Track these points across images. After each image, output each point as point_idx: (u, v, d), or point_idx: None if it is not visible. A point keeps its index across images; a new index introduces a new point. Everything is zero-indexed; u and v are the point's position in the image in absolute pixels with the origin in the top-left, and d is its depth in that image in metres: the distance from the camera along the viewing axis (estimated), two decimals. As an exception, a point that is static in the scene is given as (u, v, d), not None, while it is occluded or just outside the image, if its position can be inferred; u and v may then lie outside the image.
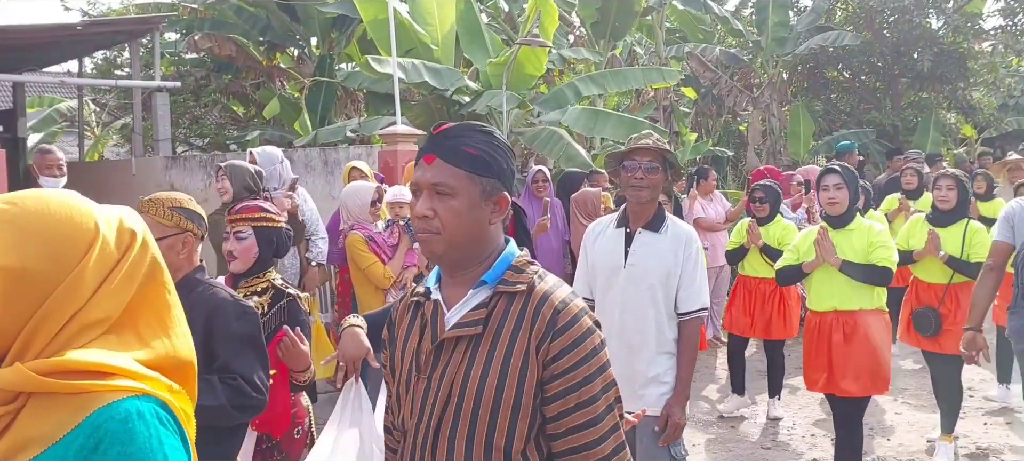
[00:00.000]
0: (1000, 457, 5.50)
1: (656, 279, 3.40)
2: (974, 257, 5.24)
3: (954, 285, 5.37)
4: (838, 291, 4.47)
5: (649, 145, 3.35)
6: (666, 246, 3.43)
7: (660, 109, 13.68)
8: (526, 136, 9.09)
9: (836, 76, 16.05)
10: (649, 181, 3.36)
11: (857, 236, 4.46)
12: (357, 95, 11.67)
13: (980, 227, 5.39)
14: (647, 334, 3.44)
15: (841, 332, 4.47)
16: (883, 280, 4.37)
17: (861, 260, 4.39)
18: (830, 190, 4.48)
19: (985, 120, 16.34)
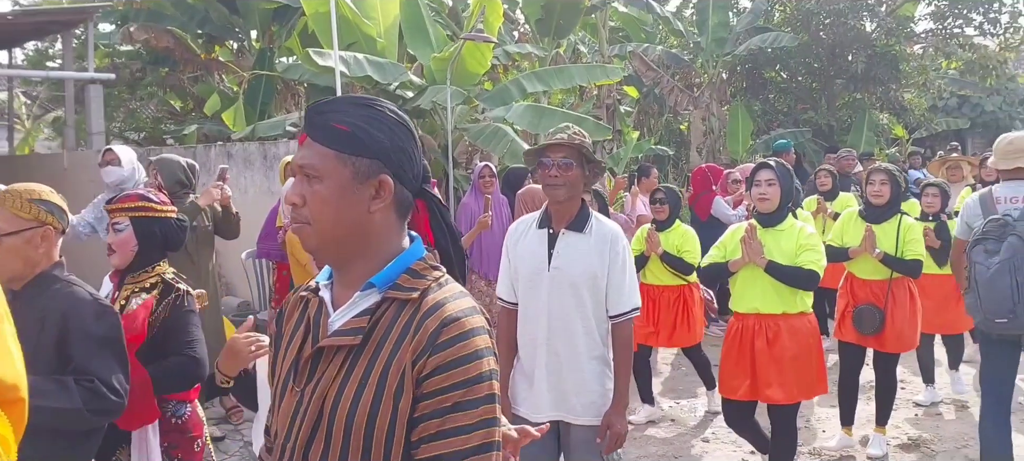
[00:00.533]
0: (931, 447, 5.66)
1: (582, 281, 3.24)
2: (909, 254, 5.17)
3: (894, 282, 5.29)
4: (761, 293, 4.27)
5: (564, 140, 3.18)
6: (591, 246, 3.27)
7: (603, 107, 13.79)
8: (471, 132, 9.07)
9: (774, 76, 16.37)
10: (565, 178, 3.19)
11: (786, 237, 4.25)
12: (298, 89, 11.50)
13: (913, 223, 5.32)
14: (575, 340, 3.28)
15: (764, 337, 4.28)
16: (809, 284, 4.20)
17: (789, 262, 4.19)
18: (762, 186, 4.29)
19: (916, 121, 16.84)
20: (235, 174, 8.40)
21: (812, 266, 4.14)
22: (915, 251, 5.14)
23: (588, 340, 3.28)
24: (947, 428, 6.02)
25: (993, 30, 15.35)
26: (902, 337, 5.27)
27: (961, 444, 5.68)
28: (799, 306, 4.27)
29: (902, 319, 5.24)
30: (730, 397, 4.47)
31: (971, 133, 23.85)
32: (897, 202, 5.34)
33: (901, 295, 5.27)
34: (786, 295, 4.22)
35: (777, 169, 4.29)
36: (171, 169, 5.37)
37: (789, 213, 4.33)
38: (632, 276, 3.33)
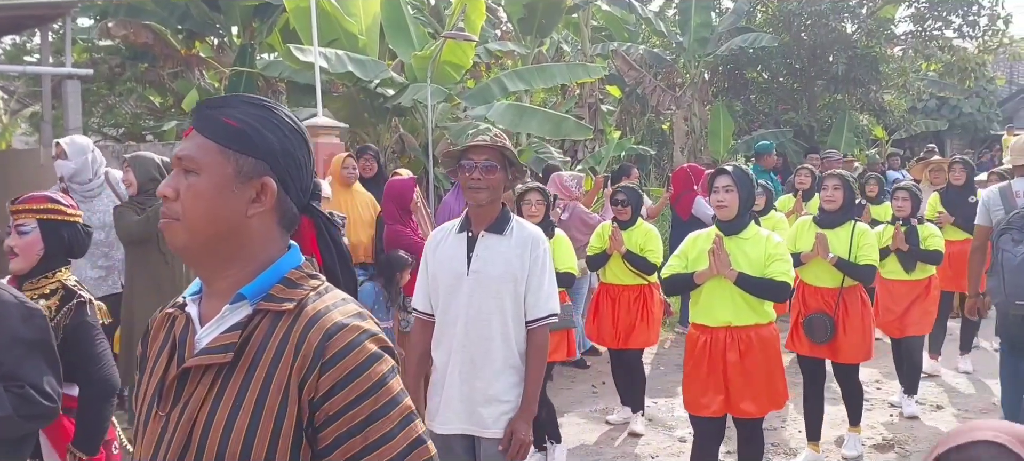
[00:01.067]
0: (906, 448, 5.71)
1: (501, 285, 3.17)
2: (862, 259, 5.06)
3: (845, 290, 5.16)
4: (732, 306, 4.14)
5: (487, 142, 3.12)
6: (511, 249, 3.19)
7: (585, 106, 13.79)
8: (452, 131, 9.05)
9: (755, 77, 16.43)
10: (487, 181, 3.11)
11: (752, 245, 4.14)
12: (278, 86, 11.42)
13: (866, 229, 5.24)
14: (492, 346, 3.19)
15: (736, 350, 4.15)
16: (780, 295, 4.11)
17: (756, 272, 4.07)
18: (719, 192, 4.16)
19: (895, 122, 16.95)
20: (214, 171, 8.35)
21: (783, 277, 4.05)
22: (868, 257, 5.07)
23: (505, 348, 3.20)
24: (922, 429, 6.08)
25: (972, 32, 15.48)
26: (856, 346, 5.18)
27: (936, 444, 5.72)
28: (768, 316, 4.22)
29: (855, 327, 5.16)
30: (701, 414, 4.28)
31: (949, 135, 24.03)
32: (850, 208, 5.26)
33: (853, 303, 5.18)
34: (756, 306, 4.14)
35: (735, 175, 4.17)
36: (145, 167, 5.33)
37: (751, 220, 4.22)
38: (551, 281, 3.26)
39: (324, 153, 7.04)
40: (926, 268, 6.17)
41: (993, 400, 6.66)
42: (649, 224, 6.08)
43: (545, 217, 5.33)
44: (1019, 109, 26.38)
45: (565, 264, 5.14)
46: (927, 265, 6.16)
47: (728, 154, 14.05)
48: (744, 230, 4.17)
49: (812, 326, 5.15)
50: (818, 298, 5.22)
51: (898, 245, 6.05)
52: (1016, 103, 26.60)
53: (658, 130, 16.72)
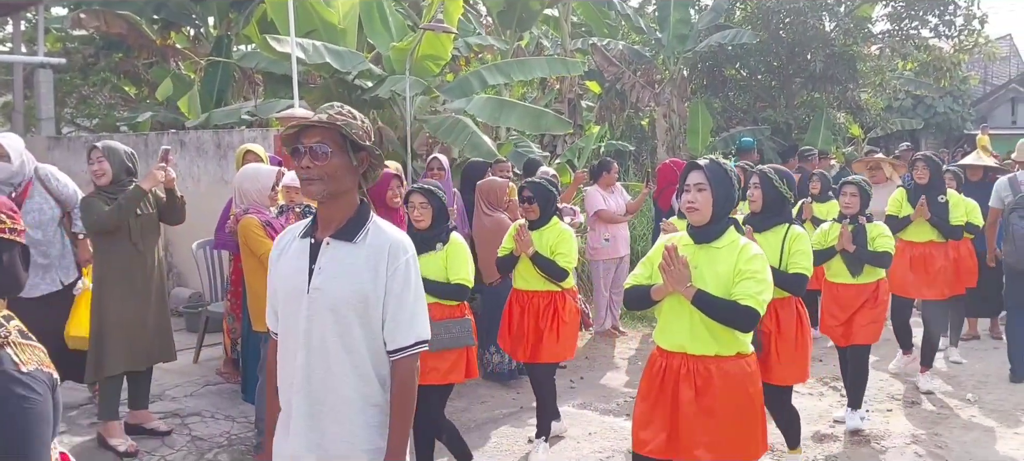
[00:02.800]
0: (881, 443, 5.73)
1: (347, 305, 2.52)
2: (794, 268, 4.46)
3: (777, 302, 4.52)
4: (689, 328, 3.45)
5: (322, 120, 2.52)
6: (362, 260, 2.54)
7: (565, 101, 13.78)
8: (430, 124, 8.99)
9: (734, 74, 16.49)
10: (320, 169, 2.50)
11: (724, 257, 3.44)
12: (255, 77, 11.32)
13: (801, 234, 4.57)
14: (340, 382, 2.56)
15: (691, 384, 3.45)
16: (745, 323, 3.37)
17: (722, 291, 3.37)
18: (691, 191, 3.49)
19: (872, 120, 17.06)
20: (188, 163, 8.24)
21: (748, 301, 3.31)
22: (800, 265, 4.47)
23: (359, 382, 2.57)
24: (898, 423, 6.10)
25: (948, 32, 15.60)
26: (789, 367, 4.63)
27: (911, 440, 5.75)
28: (736, 346, 3.46)
29: (788, 345, 4.62)
30: (639, 451, 3.59)
31: (924, 133, 24.27)
32: (777, 209, 4.65)
33: (787, 317, 4.63)
34: (720, 332, 3.42)
35: (709, 170, 3.49)
36: (119, 157, 5.23)
37: (731, 226, 3.53)
38: (418, 299, 2.61)
39: (300, 144, 6.95)
40: (874, 271, 5.73)
41: (968, 397, 6.71)
42: (565, 224, 5.47)
43: (435, 223, 4.68)
44: (993, 109, 26.71)
45: (458, 274, 4.61)
46: (875, 268, 5.72)
47: (706, 150, 14.07)
48: (719, 238, 3.48)
49: None
50: None
51: (844, 245, 5.61)
52: (990, 103, 26.92)
53: (637, 126, 16.73)
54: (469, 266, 4.69)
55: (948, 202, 6.81)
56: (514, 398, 6.72)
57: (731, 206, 3.54)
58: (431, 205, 4.68)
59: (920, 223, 6.80)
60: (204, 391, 6.54)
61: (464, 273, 4.64)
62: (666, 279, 3.41)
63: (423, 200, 4.69)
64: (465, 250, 4.73)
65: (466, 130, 8.63)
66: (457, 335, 4.66)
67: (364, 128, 2.60)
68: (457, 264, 4.64)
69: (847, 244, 5.60)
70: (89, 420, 5.72)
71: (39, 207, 5.48)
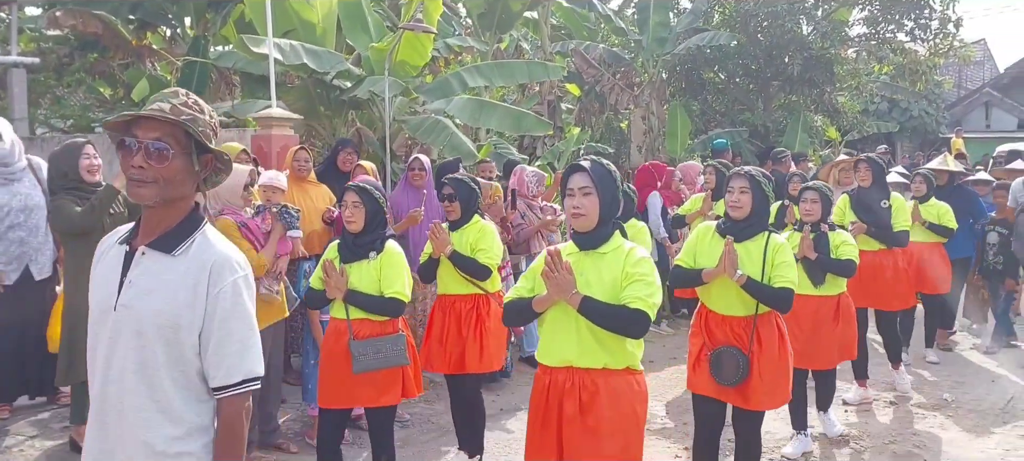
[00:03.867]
0: (860, 443, 5.75)
1: (154, 330, 2.11)
2: (778, 281, 4.11)
3: (759, 318, 4.20)
4: (577, 340, 3.19)
5: (164, 112, 2.13)
6: (179, 276, 2.14)
7: (544, 103, 13.77)
8: (410, 124, 8.95)
9: (712, 77, 16.56)
10: (156, 171, 2.10)
11: (610, 263, 3.21)
12: (232, 78, 11.22)
13: (783, 243, 4.24)
14: (134, 428, 2.12)
15: (575, 400, 3.19)
16: (635, 329, 3.12)
17: (609, 297, 3.14)
18: (576, 196, 3.22)
19: (849, 123, 17.18)
20: (164, 163, 8.16)
21: (638, 304, 3.09)
22: (785, 278, 4.11)
23: (164, 426, 2.13)
24: (876, 424, 6.13)
25: (924, 35, 15.74)
26: (771, 390, 4.25)
27: (889, 439, 5.78)
28: (626, 360, 3.22)
29: (771, 366, 4.21)
30: None
31: (900, 137, 24.54)
32: (763, 216, 4.31)
33: (768, 335, 4.24)
34: (610, 343, 3.17)
35: (594, 173, 3.21)
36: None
37: (616, 230, 3.31)
38: (250, 329, 2.20)
39: (277, 145, 6.90)
40: (837, 282, 5.39)
41: (945, 396, 6.75)
42: (487, 221, 5.16)
43: (369, 227, 4.29)
44: (967, 112, 27.04)
45: (392, 287, 4.22)
46: (838, 278, 5.38)
47: (685, 153, 14.11)
48: (605, 243, 3.25)
49: (720, 363, 4.20)
50: (726, 329, 4.26)
51: (805, 252, 5.26)
52: (964, 107, 27.26)
53: (616, 128, 16.75)
54: (405, 278, 4.28)
55: (891, 207, 6.48)
56: (493, 400, 6.69)
57: (617, 209, 3.30)
58: (364, 205, 4.27)
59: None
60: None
61: (399, 286, 4.23)
62: (549, 287, 3.15)
63: (356, 199, 4.28)
64: (401, 260, 4.32)
65: (446, 131, 8.59)
66: (388, 355, 4.24)
67: (212, 125, 2.26)
68: (391, 276, 4.22)
69: (809, 252, 5.27)
70: (61, 424, 5.63)
71: (28, 192, 5.53)
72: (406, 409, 6.02)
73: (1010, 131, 24.91)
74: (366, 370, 4.21)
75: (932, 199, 7.45)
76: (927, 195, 7.44)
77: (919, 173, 7.66)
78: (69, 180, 5.11)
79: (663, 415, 6.35)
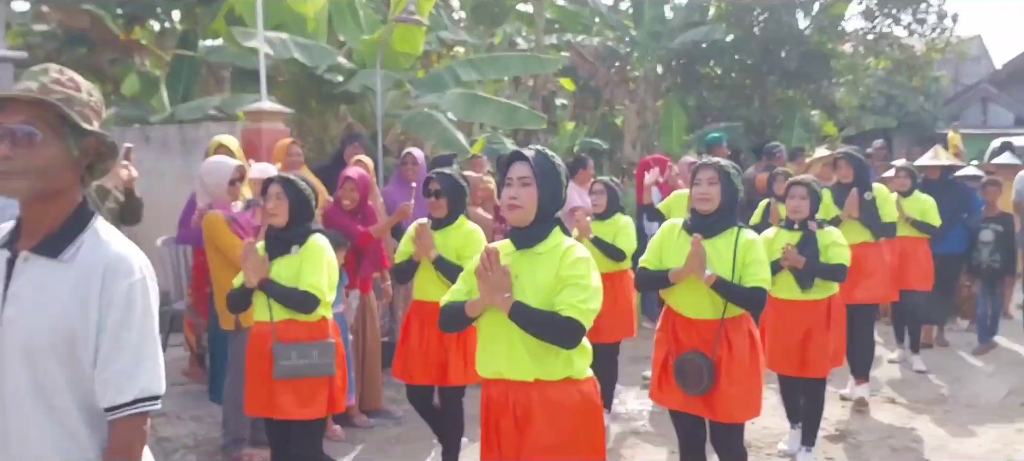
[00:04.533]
0: (857, 438, 5.67)
1: (46, 347, 1.87)
2: (752, 280, 3.75)
3: (728, 321, 3.84)
4: (508, 350, 2.89)
5: (31, 92, 1.87)
6: (68, 285, 1.88)
7: (538, 98, 13.69)
8: (402, 118, 8.86)
9: (708, 72, 16.46)
10: (24, 161, 1.84)
11: (546, 263, 2.88)
12: (222, 73, 11.12)
13: (754, 240, 3.86)
14: (41, 451, 1.89)
15: (510, 416, 2.91)
16: (568, 339, 2.82)
17: (543, 302, 2.84)
18: (514, 185, 2.90)
19: (846, 119, 17.12)
20: (152, 158, 8.05)
21: (570, 311, 2.78)
22: (757, 276, 3.76)
23: (71, 449, 1.91)
24: (872, 420, 6.05)
25: (921, 30, 15.68)
26: (741, 400, 3.86)
27: (886, 435, 5.71)
28: (563, 370, 2.88)
29: (740, 374, 3.84)
30: None
31: (897, 132, 24.44)
32: (732, 210, 3.95)
33: (739, 340, 3.87)
34: (541, 353, 2.85)
35: (535, 163, 2.90)
36: None
37: (556, 227, 2.96)
38: (147, 339, 1.92)
39: (267, 138, 6.81)
40: (827, 286, 4.97)
41: (942, 391, 6.68)
42: (473, 225, 4.70)
43: (294, 220, 4.00)
44: (964, 108, 26.97)
45: (307, 280, 3.96)
46: (829, 283, 4.97)
47: (681, 149, 14.02)
48: (542, 242, 2.91)
49: (684, 370, 3.86)
50: (693, 333, 3.89)
51: (791, 263, 4.87)
52: (961, 102, 27.19)
53: (611, 124, 16.67)
54: (323, 274, 3.97)
55: (875, 199, 6.26)
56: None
57: (558, 205, 2.95)
58: (288, 198, 4.00)
59: (851, 224, 6.10)
60: (170, 391, 6.29)
61: (314, 280, 3.92)
62: (482, 289, 2.87)
63: (279, 191, 4.01)
64: (324, 256, 4.02)
65: (438, 125, 8.50)
66: (314, 361, 3.95)
67: (92, 105, 1.97)
68: (310, 269, 3.95)
69: (794, 260, 4.83)
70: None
71: None
72: (399, 406, 5.92)
73: (1007, 127, 24.82)
74: (288, 376, 3.92)
75: (916, 194, 7.17)
76: (910, 190, 7.18)
77: (902, 168, 7.40)
78: None
79: (660, 411, 6.27)
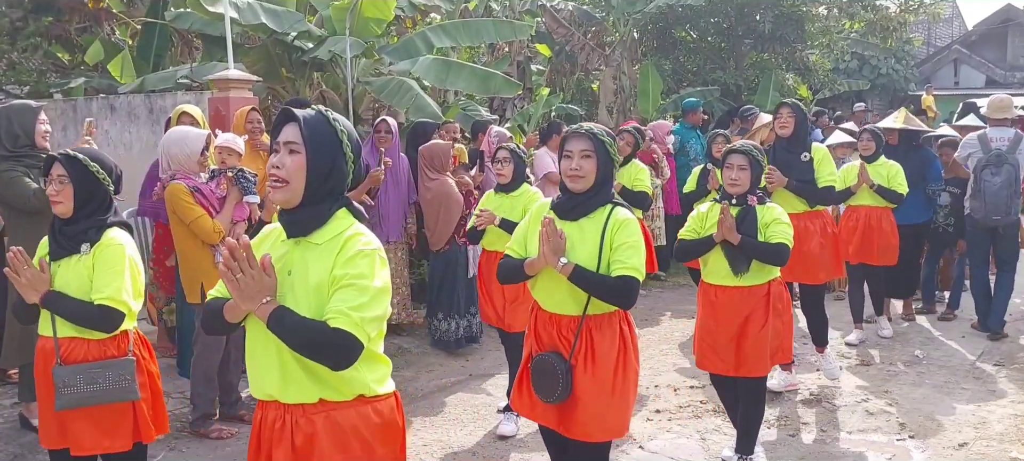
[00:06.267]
0: (832, 403, 5.70)
1: None
2: (620, 268, 3.16)
3: (590, 318, 3.27)
4: (276, 366, 2.36)
5: None
6: None
7: (514, 65, 13.55)
8: (374, 85, 8.72)
9: (684, 36, 16.41)
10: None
11: (321, 258, 2.32)
12: (194, 41, 10.89)
13: (627, 218, 3.25)
14: None
15: (287, 444, 2.39)
16: (337, 357, 2.27)
17: (313, 308, 2.30)
18: (281, 152, 2.35)
19: (820, 82, 17.13)
20: (119, 128, 7.89)
21: (341, 322, 2.24)
22: (626, 264, 3.16)
23: None
24: (847, 382, 6.09)
25: (894, -10, 15.69)
26: (600, 417, 3.25)
27: (861, 399, 5.74)
28: (355, 388, 2.37)
29: (601, 383, 3.24)
30: None
31: (871, 95, 24.54)
32: (607, 186, 3.32)
33: (604, 342, 3.28)
34: (321, 371, 2.32)
35: (307, 124, 2.34)
36: None
37: (340, 208, 2.43)
38: None
39: (235, 106, 6.68)
40: (766, 269, 4.29)
41: (916, 353, 6.73)
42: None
43: (81, 209, 3.27)
44: (936, 70, 27.13)
45: (103, 291, 3.16)
46: (767, 266, 4.28)
47: (657, 113, 13.98)
48: (319, 229, 2.37)
49: (540, 374, 3.30)
50: (553, 330, 3.35)
51: (724, 234, 4.17)
52: (933, 64, 27.34)
53: (587, 89, 16.58)
54: (123, 279, 3.17)
55: (811, 159, 5.60)
56: (463, 366, 6.58)
57: (340, 182, 2.38)
58: (73, 181, 3.23)
59: (784, 192, 5.56)
60: (139, 366, 6.28)
61: (112, 289, 3.14)
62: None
63: (62, 173, 3.24)
64: (123, 255, 3.21)
65: (411, 92, 8.37)
66: (106, 386, 3.18)
67: None
68: (107, 275, 3.16)
69: (729, 233, 4.17)
70: (11, 400, 5.43)
71: None
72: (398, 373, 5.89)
73: (978, 88, 25.02)
74: (72, 406, 3.17)
75: (881, 158, 6.81)
76: (875, 154, 6.80)
77: (866, 130, 7.02)
78: (19, 144, 4.79)
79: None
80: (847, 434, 5.14)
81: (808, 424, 5.29)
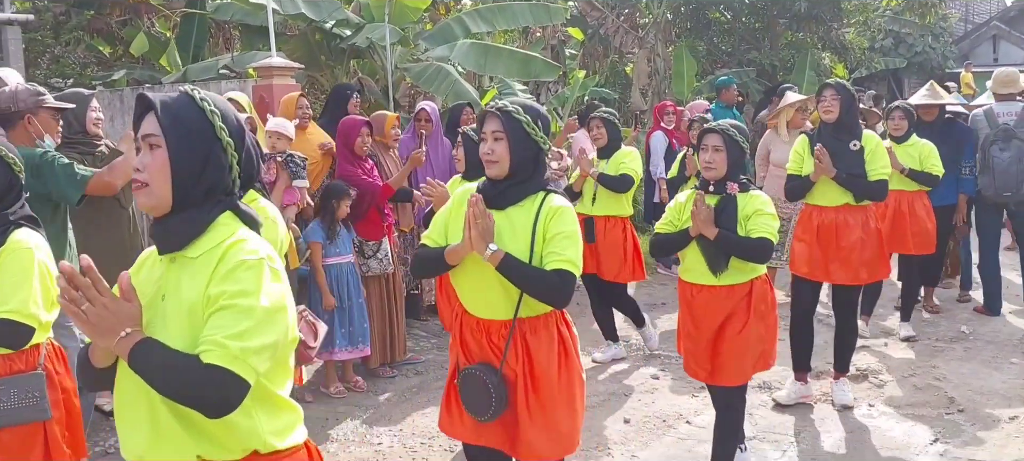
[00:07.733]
0: (880, 377, 5.70)
1: None
2: (554, 261, 2.78)
3: (524, 321, 2.88)
4: (146, 420, 1.86)
5: None
6: None
7: (548, 48, 13.58)
8: (412, 72, 8.80)
9: (718, 17, 16.30)
10: None
11: (195, 274, 1.87)
12: (232, 31, 11.05)
13: (562, 206, 2.86)
14: None
15: None
16: (211, 400, 1.75)
17: (183, 337, 1.81)
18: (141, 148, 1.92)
19: (856, 60, 16.95)
20: (165, 118, 8.04)
21: (212, 357, 1.74)
22: (562, 256, 2.78)
23: None
24: (894, 358, 6.08)
25: (932, -34, 15.47)
26: (546, 432, 2.88)
27: (908, 373, 5.73)
28: (243, 442, 1.88)
29: (544, 394, 2.88)
30: None
31: (907, 73, 24.21)
32: (530, 170, 2.92)
33: (541, 348, 2.89)
34: (202, 424, 1.84)
35: (163, 112, 1.86)
36: None
37: (223, 212, 1.96)
38: None
39: (278, 93, 6.79)
40: (749, 267, 3.76)
41: (962, 328, 6.69)
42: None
43: None
44: (974, 47, 26.66)
45: (8, 302, 2.77)
46: (749, 264, 3.75)
47: (692, 94, 13.93)
48: (193, 242, 1.88)
49: (469, 388, 2.92)
50: (482, 338, 2.95)
51: (700, 228, 3.68)
52: (971, 41, 26.87)
53: (621, 72, 16.56)
54: (31, 288, 2.76)
55: (862, 149, 4.86)
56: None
57: (198, 180, 1.88)
58: None
59: (827, 182, 4.87)
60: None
61: (16, 303, 2.73)
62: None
63: None
64: (32, 260, 2.79)
65: (449, 78, 8.45)
66: (13, 404, 2.80)
67: None
68: (12, 283, 2.74)
69: (705, 226, 3.66)
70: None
71: None
72: (421, 354, 5.95)
73: (1018, 63, 24.56)
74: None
75: (913, 138, 6.18)
76: (907, 133, 6.17)
77: (898, 106, 6.33)
78: (73, 131, 4.91)
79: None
80: (895, 409, 5.14)
81: (856, 398, 5.29)
